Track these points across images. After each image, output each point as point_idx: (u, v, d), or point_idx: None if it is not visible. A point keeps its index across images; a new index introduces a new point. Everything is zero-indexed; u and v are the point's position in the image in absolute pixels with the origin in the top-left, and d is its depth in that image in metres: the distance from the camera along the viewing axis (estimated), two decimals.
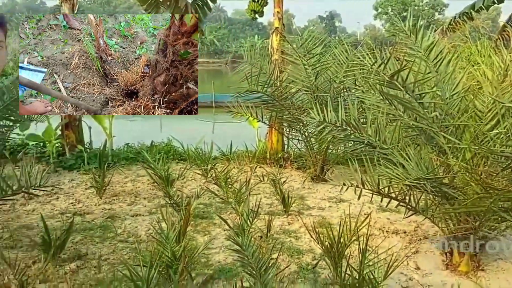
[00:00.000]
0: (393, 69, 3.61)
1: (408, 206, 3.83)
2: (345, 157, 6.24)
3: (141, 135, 8.96)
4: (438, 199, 3.91)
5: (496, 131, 3.65)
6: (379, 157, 3.99)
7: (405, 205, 3.82)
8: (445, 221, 4.01)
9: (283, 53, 7.63)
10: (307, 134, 6.86)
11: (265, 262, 3.06)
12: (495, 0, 9.20)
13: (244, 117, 7.24)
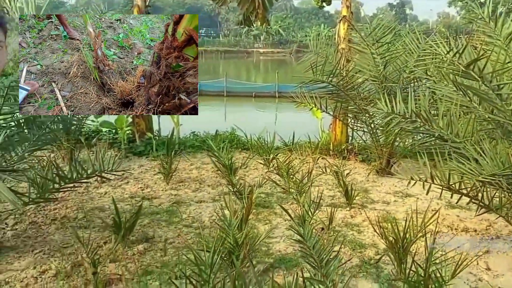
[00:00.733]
0: (469, 59, 3.40)
1: (480, 203, 3.62)
2: (413, 150, 6.01)
3: (207, 124, 9.17)
4: None
5: None
6: (450, 151, 3.81)
7: (477, 202, 3.62)
8: None
9: (350, 42, 7.46)
10: (373, 125, 6.67)
11: (327, 254, 3.03)
12: None
13: (307, 107, 7.18)
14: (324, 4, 8.72)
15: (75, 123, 4.66)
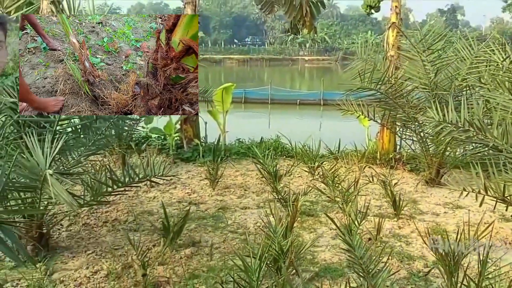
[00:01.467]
0: None
1: None
2: (464, 160, 5.80)
3: (251, 132, 9.24)
4: None
5: None
6: (505, 162, 3.65)
7: None
8: None
9: (399, 49, 7.31)
10: (422, 134, 6.50)
11: (375, 264, 2.97)
12: None
13: (354, 115, 7.09)
14: (372, 11, 8.62)
15: (127, 129, 4.84)
